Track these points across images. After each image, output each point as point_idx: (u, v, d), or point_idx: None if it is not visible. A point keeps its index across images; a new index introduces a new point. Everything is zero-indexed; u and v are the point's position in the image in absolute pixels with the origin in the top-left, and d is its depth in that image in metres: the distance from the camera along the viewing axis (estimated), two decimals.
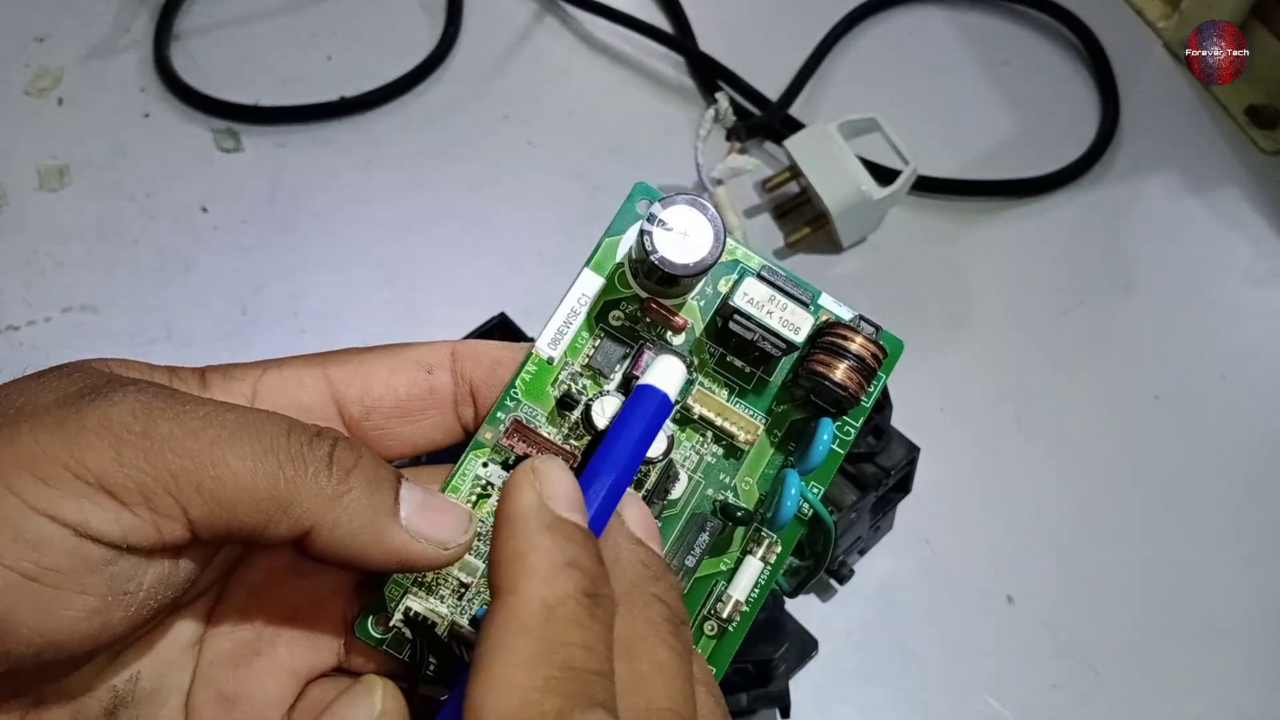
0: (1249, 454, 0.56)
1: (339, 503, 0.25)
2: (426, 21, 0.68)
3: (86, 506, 0.23)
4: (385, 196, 0.62)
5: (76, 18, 0.67)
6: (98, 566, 0.24)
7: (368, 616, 0.29)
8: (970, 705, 0.49)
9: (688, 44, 0.67)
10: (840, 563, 0.49)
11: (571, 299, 0.31)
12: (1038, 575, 0.53)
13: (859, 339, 0.29)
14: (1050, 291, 0.61)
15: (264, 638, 0.29)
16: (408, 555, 0.26)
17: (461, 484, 0.30)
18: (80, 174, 0.61)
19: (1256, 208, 0.64)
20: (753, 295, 0.29)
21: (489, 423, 0.30)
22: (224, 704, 0.28)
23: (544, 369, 0.31)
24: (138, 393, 0.25)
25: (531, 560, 0.23)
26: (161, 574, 0.25)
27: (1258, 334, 0.60)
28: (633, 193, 0.31)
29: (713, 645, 0.31)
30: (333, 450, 0.26)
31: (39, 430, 0.23)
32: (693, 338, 0.31)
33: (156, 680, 0.28)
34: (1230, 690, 0.50)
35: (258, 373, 0.29)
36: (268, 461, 0.25)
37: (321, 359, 0.29)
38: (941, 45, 0.69)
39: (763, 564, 0.31)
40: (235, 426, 0.25)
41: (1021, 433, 0.56)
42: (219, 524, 0.24)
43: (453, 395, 0.30)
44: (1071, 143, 0.65)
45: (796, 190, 0.61)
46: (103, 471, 0.23)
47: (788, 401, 0.31)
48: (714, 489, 0.31)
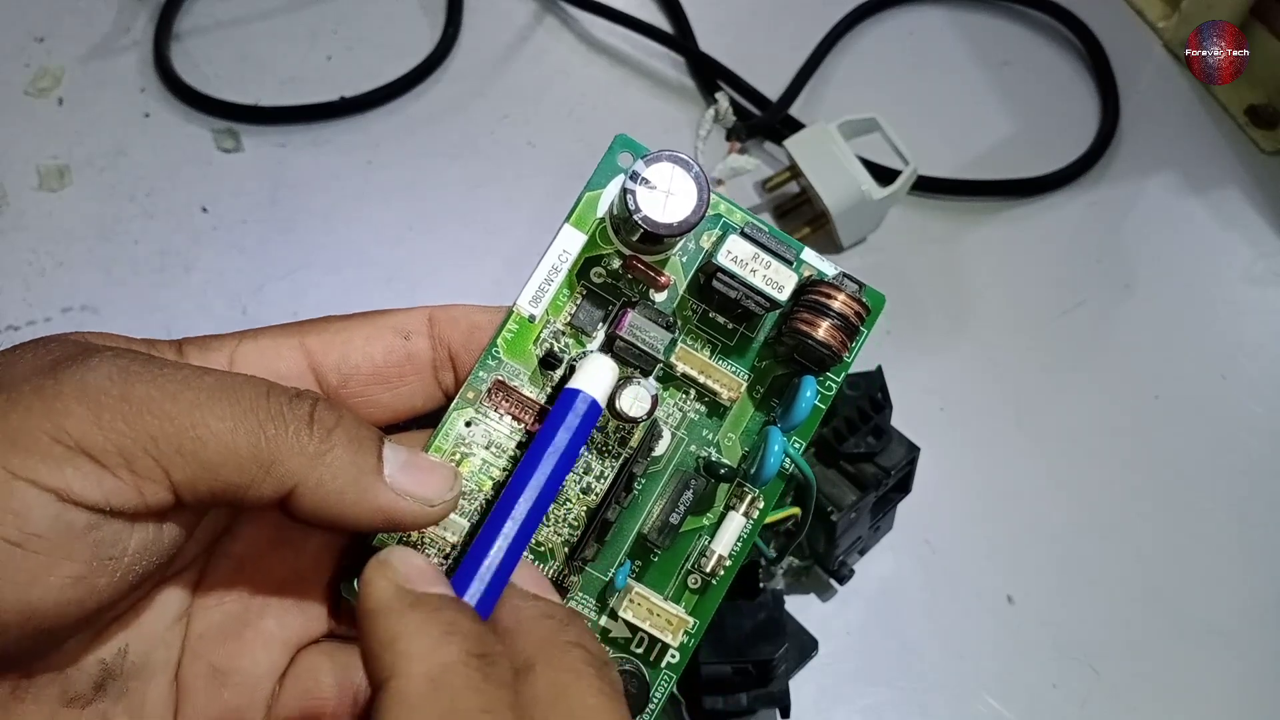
0: (1249, 454, 0.56)
1: (321, 461, 0.25)
2: (426, 21, 0.68)
3: (68, 472, 0.23)
4: (385, 196, 0.62)
5: (76, 18, 0.67)
6: (81, 532, 0.24)
7: (354, 577, 0.29)
8: (970, 705, 0.50)
9: (688, 44, 0.67)
10: (840, 563, 0.49)
11: (552, 256, 0.30)
12: (1038, 575, 0.53)
13: (842, 296, 0.29)
14: (1050, 291, 0.61)
15: (252, 610, 0.29)
16: (393, 512, 0.26)
17: (444, 444, 0.30)
18: (80, 174, 0.61)
19: (1256, 208, 0.64)
20: (736, 253, 0.29)
21: (471, 383, 0.30)
22: (216, 677, 0.28)
23: (525, 327, 0.30)
24: (114, 358, 0.25)
25: (402, 644, 0.23)
26: (145, 539, 0.25)
27: (1258, 334, 0.60)
28: (613, 145, 0.31)
29: (695, 600, 0.31)
30: (313, 410, 0.26)
31: (16, 399, 0.23)
32: (676, 294, 0.31)
33: (144, 654, 0.28)
34: (1230, 690, 0.50)
35: (234, 343, 0.29)
36: (248, 421, 0.25)
37: (298, 328, 0.29)
38: (941, 45, 0.69)
39: (745, 519, 0.31)
40: (214, 388, 0.25)
41: (1021, 433, 0.56)
42: (202, 486, 0.24)
43: (431, 360, 0.30)
44: (1071, 143, 0.65)
45: (796, 190, 0.61)
46: (82, 435, 0.23)
47: (770, 358, 0.31)
48: (697, 445, 0.31)
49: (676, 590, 0.31)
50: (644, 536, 0.31)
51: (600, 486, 0.31)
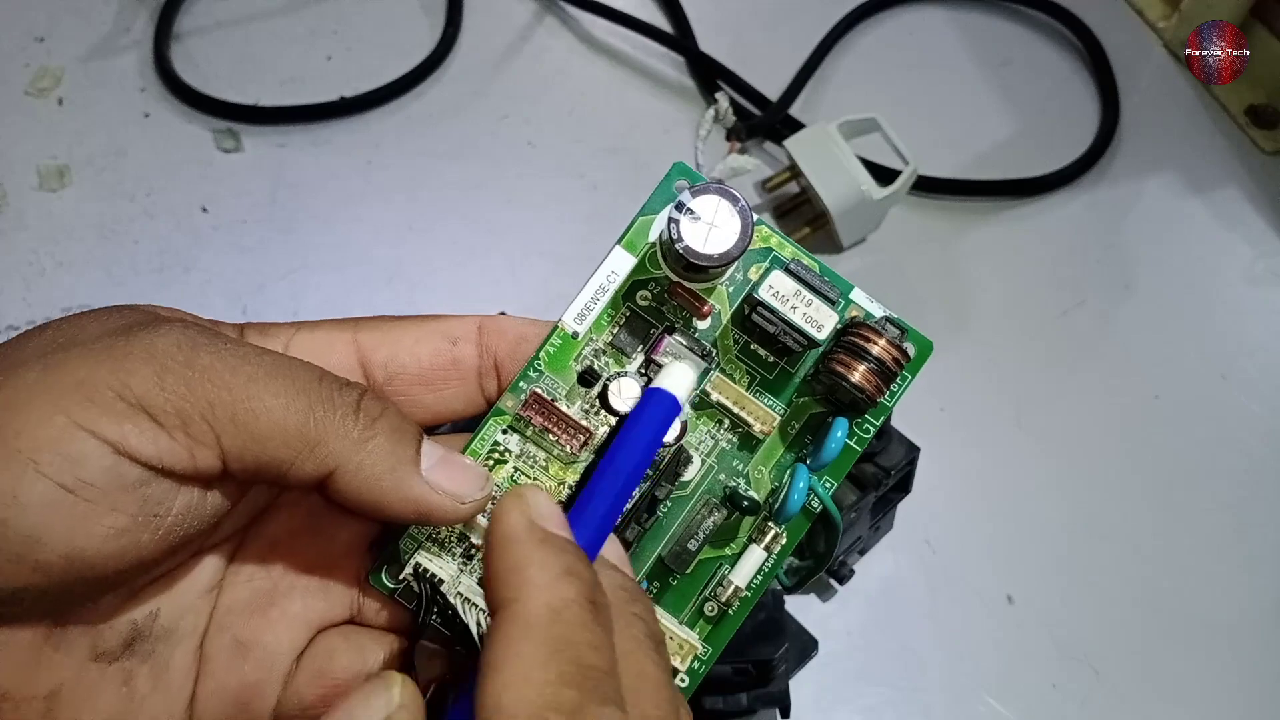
0: (1249, 454, 0.56)
1: (363, 447, 0.27)
2: (426, 21, 0.68)
3: (127, 427, 0.24)
4: (385, 196, 0.62)
5: (76, 18, 0.67)
6: (131, 486, 0.25)
7: (382, 567, 0.30)
8: (970, 705, 0.50)
9: (688, 44, 0.67)
10: (840, 563, 0.49)
11: (601, 275, 0.31)
12: (1038, 575, 0.53)
13: (882, 342, 0.29)
14: (1050, 291, 0.61)
15: (280, 588, 0.30)
16: (425, 505, 0.27)
17: (480, 448, 0.31)
18: (80, 174, 0.61)
19: (1256, 208, 0.64)
20: (778, 288, 0.29)
21: (510, 391, 0.31)
22: (238, 649, 0.29)
23: (568, 343, 0.31)
24: (183, 328, 0.26)
25: (530, 571, 0.24)
26: (190, 502, 0.26)
27: (1258, 334, 0.60)
28: (670, 172, 0.31)
29: (709, 629, 0.31)
30: (361, 398, 0.27)
31: (87, 356, 0.25)
32: (719, 323, 0.31)
33: (174, 620, 0.29)
34: (1230, 690, 0.50)
35: (291, 331, 0.30)
36: (299, 401, 0.26)
37: (354, 324, 0.31)
38: (941, 45, 0.69)
39: (766, 554, 0.31)
40: (271, 367, 0.26)
41: (1021, 433, 0.56)
42: (249, 457, 0.26)
43: (477, 368, 0.31)
44: (1071, 143, 0.65)
45: (796, 190, 0.61)
46: (144, 394, 0.25)
47: (808, 395, 0.31)
48: (726, 475, 0.31)
49: (692, 616, 0.31)
50: (663, 560, 0.31)
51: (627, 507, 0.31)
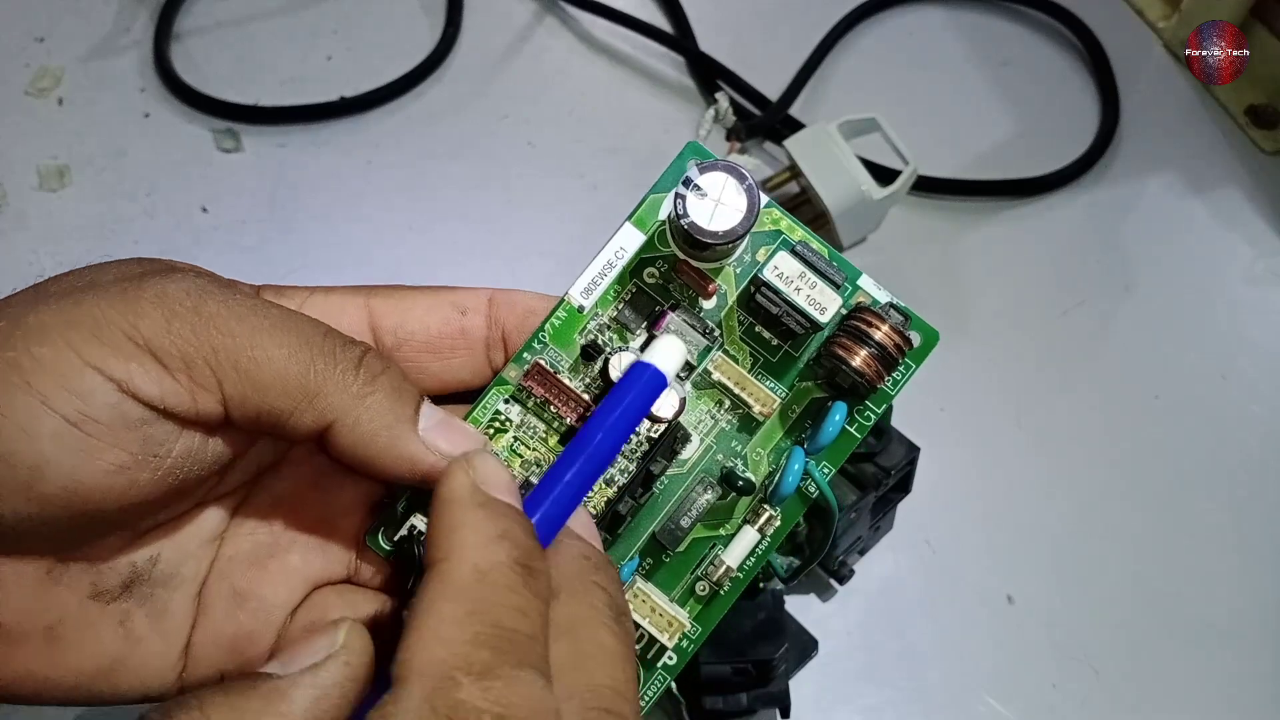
0: (1249, 454, 0.56)
1: (362, 402, 0.27)
2: (426, 21, 0.68)
3: (133, 367, 0.25)
4: (385, 196, 0.62)
5: (76, 18, 0.67)
6: (134, 425, 0.26)
7: (379, 528, 0.31)
8: (970, 705, 0.50)
9: (688, 44, 0.67)
10: (840, 563, 0.49)
11: (609, 251, 0.31)
12: (1038, 575, 0.53)
13: (885, 327, 0.29)
14: (1050, 291, 0.61)
15: (280, 543, 0.31)
16: (420, 464, 0.28)
17: (482, 416, 0.31)
18: (80, 174, 0.61)
19: (1256, 208, 0.64)
20: (783, 269, 0.29)
21: (514, 362, 0.31)
22: (235, 599, 0.30)
23: (574, 316, 0.31)
24: (195, 277, 0.27)
25: (463, 533, 0.24)
26: (190, 446, 0.27)
27: (1258, 334, 0.60)
28: (684, 151, 0.31)
29: (699, 608, 0.31)
30: (363, 355, 0.28)
31: (101, 297, 0.26)
32: (725, 304, 0.31)
33: (174, 565, 0.30)
34: (1230, 690, 0.50)
35: (305, 294, 0.31)
36: (302, 353, 0.27)
37: (367, 290, 0.32)
38: (941, 45, 0.69)
39: (760, 535, 0.31)
40: (277, 319, 0.27)
41: (1021, 432, 0.56)
42: (250, 404, 0.26)
43: (485, 339, 0.32)
44: (1071, 143, 0.65)
45: (796, 190, 0.61)
46: (152, 336, 0.25)
47: (810, 380, 0.31)
48: (724, 455, 0.31)
49: (683, 595, 0.31)
50: (655, 536, 0.31)
51: (623, 480, 0.31)
